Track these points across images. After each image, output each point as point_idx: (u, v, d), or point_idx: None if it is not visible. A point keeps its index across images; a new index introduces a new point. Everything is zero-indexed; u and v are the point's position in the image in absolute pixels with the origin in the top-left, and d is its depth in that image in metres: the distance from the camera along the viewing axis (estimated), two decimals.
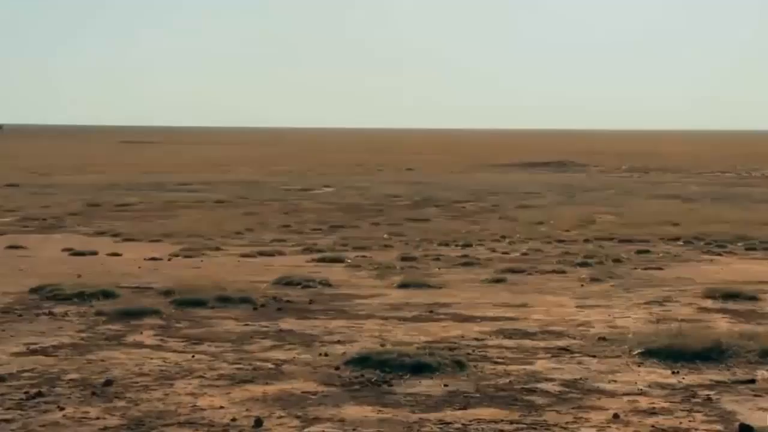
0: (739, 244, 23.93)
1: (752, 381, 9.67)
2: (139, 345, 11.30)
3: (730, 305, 14.50)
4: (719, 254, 22.17)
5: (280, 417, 8.34)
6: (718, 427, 8.18)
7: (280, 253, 21.99)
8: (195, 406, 8.66)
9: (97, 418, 8.21)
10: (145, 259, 20.73)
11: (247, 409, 8.54)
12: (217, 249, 22.68)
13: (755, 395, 9.18)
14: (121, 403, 8.68)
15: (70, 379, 9.52)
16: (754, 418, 8.36)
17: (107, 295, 14.44)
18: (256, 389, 9.26)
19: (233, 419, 8.25)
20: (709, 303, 14.77)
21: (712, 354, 10.46)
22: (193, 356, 10.69)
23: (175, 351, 10.98)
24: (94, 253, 22.70)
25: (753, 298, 15.04)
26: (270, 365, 10.31)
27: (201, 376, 9.74)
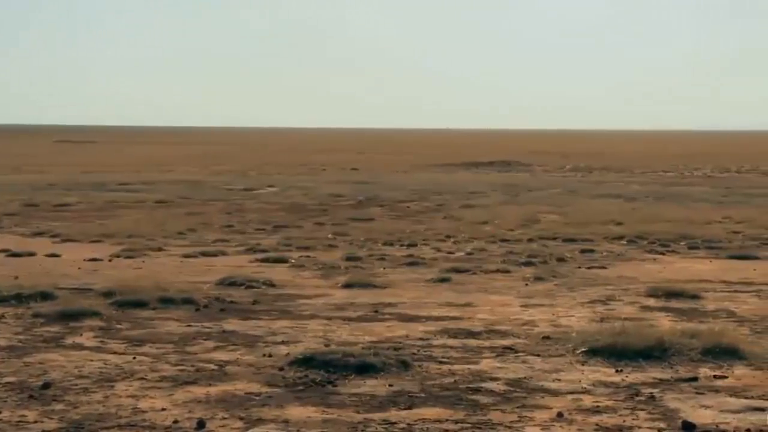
0: (682, 243, 24.15)
1: (695, 379, 9.74)
2: (79, 347, 11.14)
3: (673, 304, 14.61)
4: (662, 253, 22.35)
5: (223, 418, 8.26)
6: (661, 425, 8.22)
7: (223, 254, 21.83)
8: (136, 408, 8.54)
9: (35, 422, 8.06)
10: (84, 260, 20.47)
11: (189, 411, 8.44)
12: (159, 249, 22.47)
13: (698, 393, 9.24)
14: (60, 406, 8.54)
15: (7, 382, 9.34)
16: (697, 416, 8.42)
17: (45, 296, 14.22)
18: (199, 391, 9.16)
19: (175, 421, 8.15)
20: (652, 302, 14.87)
21: (655, 352, 10.52)
22: (134, 358, 10.56)
23: (115, 353, 10.84)
24: (32, 254, 22.37)
25: (695, 297, 15.17)
26: (213, 366, 10.21)
27: (142, 378, 9.62)
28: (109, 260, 20.52)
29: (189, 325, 12.61)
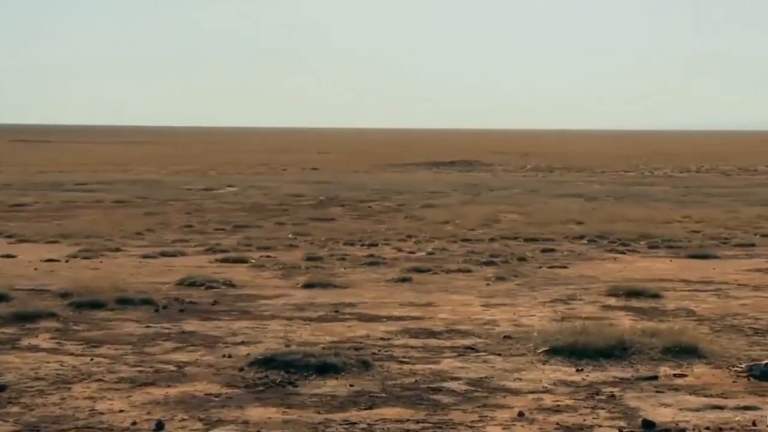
0: (642, 242, 24.26)
1: (655, 378, 9.77)
2: (35, 349, 11.01)
3: (633, 303, 14.67)
4: (622, 252, 22.44)
5: (183, 420, 8.20)
6: (622, 423, 8.23)
7: (183, 254, 21.67)
8: (93, 410, 8.45)
9: None
10: (41, 260, 20.24)
11: (148, 413, 8.37)
12: (117, 250, 22.26)
13: (658, 392, 9.28)
14: (15, 409, 8.43)
15: None
16: (657, 415, 8.44)
17: (1, 298, 14.03)
18: (158, 392, 9.08)
19: (133, 423, 8.08)
20: (612, 301, 14.92)
21: (616, 351, 10.55)
22: (91, 359, 10.45)
23: (72, 354, 10.73)
24: None
25: (655, 296, 15.23)
26: (172, 367, 10.13)
27: (100, 380, 9.53)
28: (66, 261, 20.32)
29: (148, 326, 12.51)
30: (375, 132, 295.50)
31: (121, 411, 8.42)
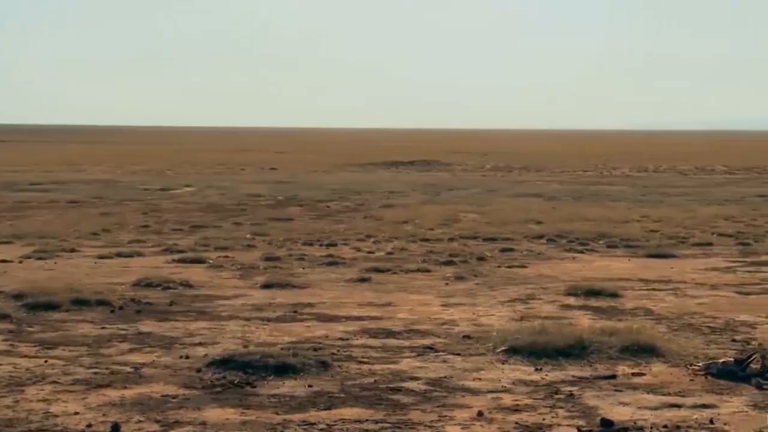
0: (601, 241, 24.33)
1: (613, 376, 9.80)
2: None
3: (592, 302, 14.72)
4: (581, 252, 22.50)
5: (139, 422, 8.12)
6: (580, 422, 8.25)
7: (139, 254, 21.47)
8: (48, 412, 8.35)
9: None
10: None
11: (103, 415, 8.28)
12: (72, 250, 22.00)
13: (616, 390, 9.30)
14: None
15: None
16: (615, 413, 8.46)
17: None
18: (114, 394, 8.99)
19: (89, 425, 7.99)
20: (571, 300, 14.96)
21: (575, 350, 10.58)
22: (46, 361, 10.34)
23: (26, 356, 10.60)
24: None
25: (614, 295, 15.29)
26: (128, 369, 10.04)
27: (54, 382, 9.42)
28: (20, 262, 20.07)
29: (103, 327, 12.38)
30: (334, 132, 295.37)
31: (76, 413, 8.32)
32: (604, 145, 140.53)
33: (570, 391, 9.24)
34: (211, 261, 20.18)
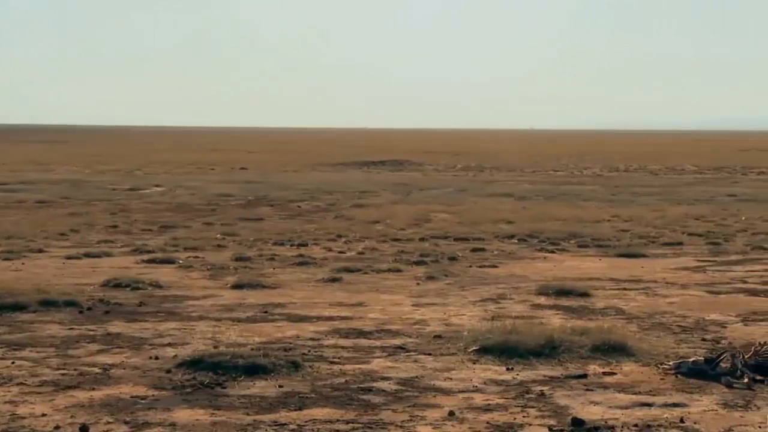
0: (572, 241, 24.39)
1: (584, 376, 9.81)
2: None
3: (563, 302, 14.74)
4: (552, 252, 22.54)
5: (108, 423, 8.06)
6: (551, 421, 8.25)
7: (108, 255, 21.33)
8: (14, 414, 8.27)
9: None
10: None
11: (72, 416, 8.21)
12: (40, 251, 21.82)
13: (587, 389, 9.31)
14: None
15: None
16: (586, 412, 8.47)
17: None
18: (82, 395, 8.92)
19: (56, 427, 7.92)
20: (542, 300, 14.98)
21: (546, 350, 10.58)
22: (12, 362, 10.25)
23: None
24: None
25: (585, 295, 15.32)
26: (97, 370, 9.96)
27: (22, 383, 9.33)
28: None
29: (71, 328, 12.29)
30: (304, 131, 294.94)
31: (43, 415, 8.25)
32: (574, 144, 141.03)
33: (541, 390, 9.24)
34: (180, 261, 20.08)
